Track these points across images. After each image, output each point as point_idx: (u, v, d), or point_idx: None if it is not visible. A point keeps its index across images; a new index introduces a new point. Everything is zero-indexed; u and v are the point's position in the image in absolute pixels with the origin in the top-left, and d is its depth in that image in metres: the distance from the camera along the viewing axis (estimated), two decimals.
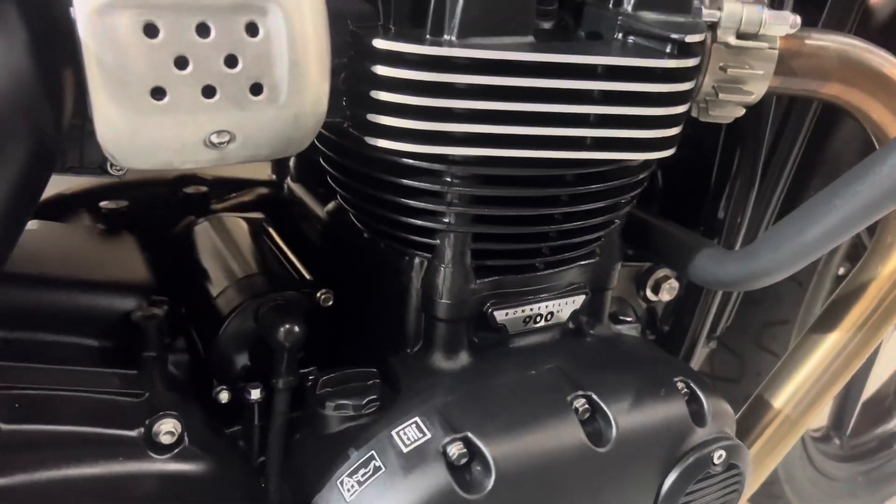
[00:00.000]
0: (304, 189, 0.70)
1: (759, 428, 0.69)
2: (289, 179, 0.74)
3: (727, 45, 0.52)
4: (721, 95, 0.54)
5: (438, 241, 0.50)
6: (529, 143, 0.46)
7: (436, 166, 0.47)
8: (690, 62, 0.46)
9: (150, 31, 0.37)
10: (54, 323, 0.52)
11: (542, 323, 0.56)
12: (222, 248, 0.62)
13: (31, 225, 0.59)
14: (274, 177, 0.78)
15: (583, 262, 0.56)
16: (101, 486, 0.44)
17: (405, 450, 0.46)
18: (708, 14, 0.52)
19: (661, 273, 0.68)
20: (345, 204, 0.56)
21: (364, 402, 0.50)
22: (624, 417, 0.50)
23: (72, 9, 0.36)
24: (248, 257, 0.60)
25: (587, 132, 0.46)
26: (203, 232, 0.66)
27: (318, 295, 0.57)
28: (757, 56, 0.53)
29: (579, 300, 0.56)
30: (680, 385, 0.55)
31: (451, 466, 0.45)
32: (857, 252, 0.94)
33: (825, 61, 0.56)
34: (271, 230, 0.65)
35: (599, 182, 0.50)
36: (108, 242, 0.60)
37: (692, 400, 0.54)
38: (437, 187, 0.47)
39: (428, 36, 0.44)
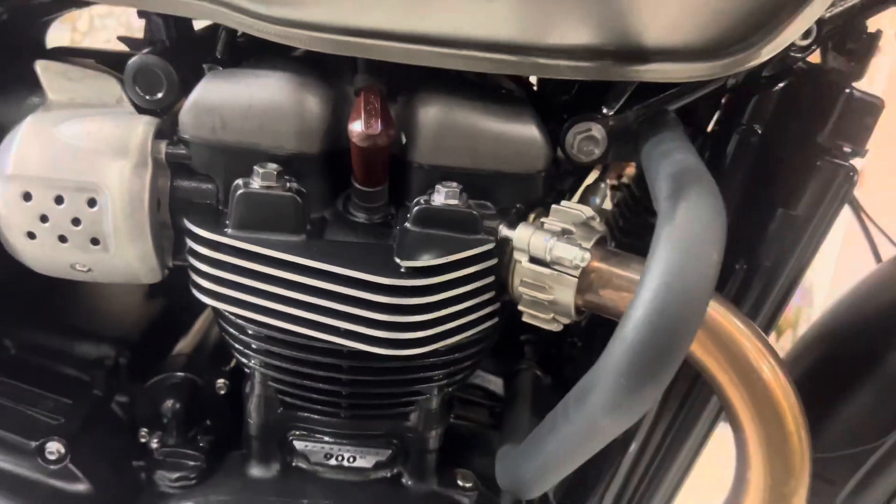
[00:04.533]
0: None
1: None
2: None
3: (521, 266, 0.55)
4: (520, 306, 0.57)
5: (249, 371, 0.62)
6: (295, 319, 0.56)
7: (238, 320, 0.59)
8: (403, 280, 0.52)
9: (27, 197, 0.57)
10: (53, 357, 0.75)
11: (347, 463, 0.64)
12: (202, 323, 0.81)
13: None
14: None
15: (388, 421, 0.63)
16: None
17: None
18: (505, 232, 0.56)
19: None
20: None
21: (175, 477, 0.65)
22: None
23: None
24: (203, 334, 0.78)
25: (331, 321, 0.55)
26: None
27: (218, 382, 0.72)
28: (555, 280, 0.55)
29: (384, 453, 0.63)
30: None
31: None
32: None
33: None
34: None
35: (376, 373, 0.58)
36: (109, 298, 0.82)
37: None
38: (239, 335, 0.60)
39: (227, 221, 0.57)
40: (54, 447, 0.67)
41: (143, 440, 0.72)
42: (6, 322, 0.74)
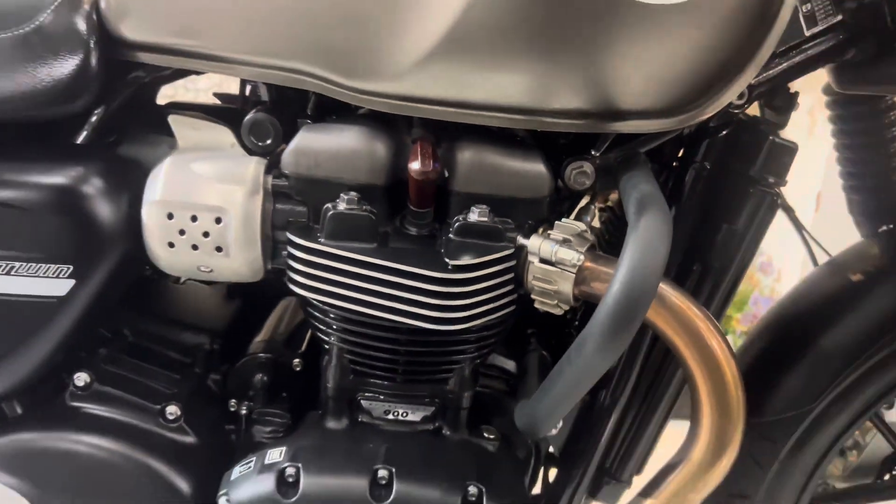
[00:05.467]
0: None
1: None
2: None
3: (533, 265, 0.76)
4: (533, 296, 0.77)
5: (327, 347, 0.83)
6: (381, 309, 0.76)
7: (323, 306, 0.79)
8: (449, 274, 0.73)
9: (170, 216, 0.77)
10: (162, 343, 0.95)
11: (401, 417, 0.84)
12: (274, 317, 1.01)
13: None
14: None
15: (428, 385, 0.83)
16: (132, 430, 0.86)
17: (266, 462, 0.80)
18: (522, 241, 0.76)
19: None
20: None
21: (268, 431, 0.85)
22: (405, 488, 0.77)
23: None
24: (276, 326, 0.98)
25: (395, 305, 0.75)
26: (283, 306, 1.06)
27: (294, 361, 0.92)
28: (558, 275, 0.75)
29: (429, 409, 0.84)
30: (471, 489, 0.79)
31: (281, 478, 0.78)
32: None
33: None
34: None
35: (424, 345, 0.78)
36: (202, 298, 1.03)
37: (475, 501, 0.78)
38: (323, 318, 0.80)
39: (319, 234, 0.77)
40: (173, 409, 0.87)
41: (232, 409, 0.92)
42: (125, 316, 0.94)
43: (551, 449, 1.01)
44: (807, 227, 1.07)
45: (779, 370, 0.98)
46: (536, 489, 1.01)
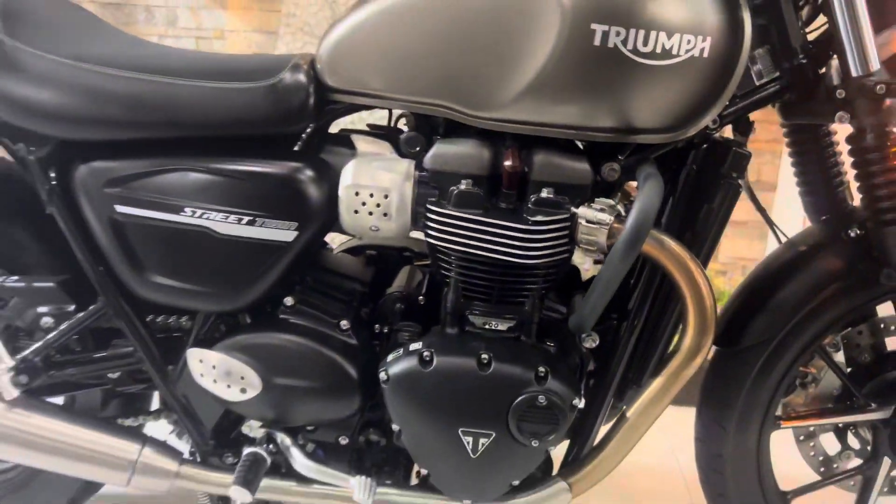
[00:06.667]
0: None
1: None
2: None
3: (581, 225, 1.22)
4: (581, 246, 1.23)
5: (447, 280, 1.29)
6: (486, 250, 1.23)
7: (448, 251, 1.26)
8: (530, 227, 1.19)
9: (356, 193, 1.26)
10: (333, 287, 1.43)
11: (494, 327, 1.30)
12: (400, 277, 1.49)
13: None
14: None
15: (512, 306, 1.29)
16: (320, 334, 1.33)
17: (410, 349, 1.27)
18: (574, 210, 1.23)
19: None
20: None
21: (407, 335, 1.31)
22: (500, 366, 1.23)
23: None
24: (401, 280, 1.46)
25: (496, 247, 1.22)
26: (405, 270, 1.52)
27: (419, 298, 1.39)
28: (597, 230, 1.21)
29: (512, 322, 1.29)
30: (541, 368, 1.23)
31: (421, 358, 1.24)
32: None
33: None
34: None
35: (511, 276, 1.25)
36: (356, 265, 1.50)
37: (541, 378, 1.23)
38: (447, 258, 1.27)
39: (447, 204, 1.24)
40: (345, 322, 1.34)
41: (376, 330, 1.39)
42: (307, 269, 1.41)
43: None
44: None
45: (751, 313, 1.42)
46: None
